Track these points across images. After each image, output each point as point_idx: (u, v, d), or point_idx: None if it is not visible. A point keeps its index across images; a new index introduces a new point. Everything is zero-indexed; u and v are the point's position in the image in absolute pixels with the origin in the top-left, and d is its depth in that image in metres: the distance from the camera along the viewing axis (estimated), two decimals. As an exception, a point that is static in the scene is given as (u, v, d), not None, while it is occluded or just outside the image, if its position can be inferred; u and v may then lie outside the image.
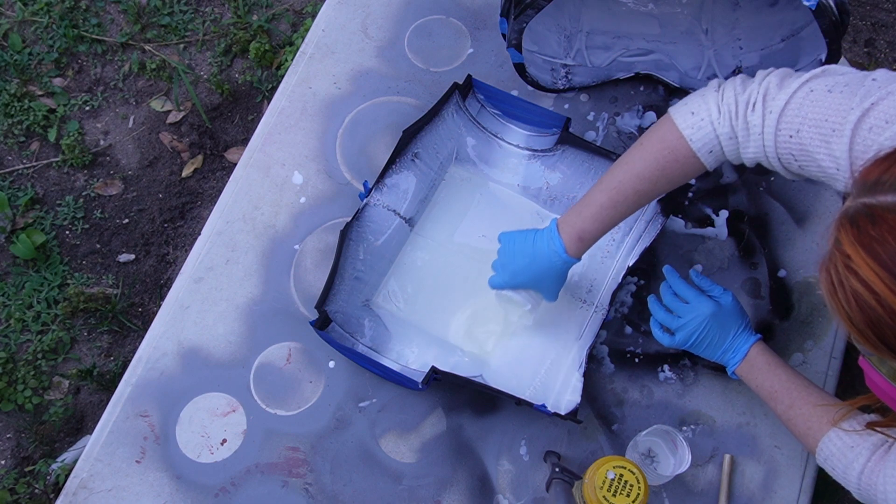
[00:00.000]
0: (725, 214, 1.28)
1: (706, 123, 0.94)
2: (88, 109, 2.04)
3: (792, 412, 1.04)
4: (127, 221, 1.95)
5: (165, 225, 1.95)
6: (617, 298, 1.22)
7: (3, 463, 1.75)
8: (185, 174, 1.99)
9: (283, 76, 1.37)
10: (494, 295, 1.15)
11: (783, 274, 1.26)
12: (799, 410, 1.03)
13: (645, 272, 1.25)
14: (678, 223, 1.28)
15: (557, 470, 1.08)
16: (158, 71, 2.06)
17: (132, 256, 1.92)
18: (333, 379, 1.19)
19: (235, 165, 1.31)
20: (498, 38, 1.35)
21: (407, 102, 1.34)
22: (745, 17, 1.24)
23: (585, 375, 1.14)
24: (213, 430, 1.17)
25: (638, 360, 1.21)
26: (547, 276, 1.08)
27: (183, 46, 2.09)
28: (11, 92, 1.99)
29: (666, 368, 1.21)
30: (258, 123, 1.33)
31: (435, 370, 1.07)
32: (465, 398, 1.18)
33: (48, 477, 1.71)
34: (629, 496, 0.97)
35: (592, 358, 1.20)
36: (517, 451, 1.16)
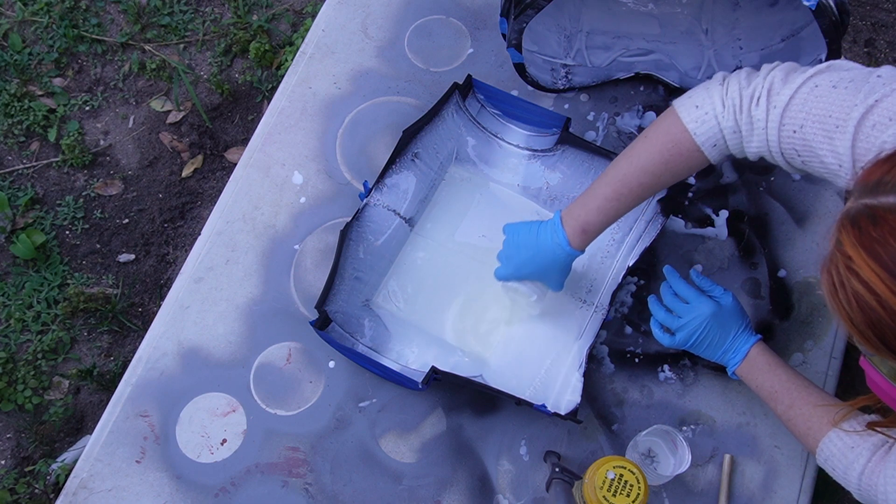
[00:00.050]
0: (725, 214, 1.28)
1: (710, 117, 0.94)
2: (88, 109, 2.04)
3: (792, 412, 1.04)
4: (127, 221, 1.95)
5: (165, 225, 1.95)
6: (617, 298, 1.22)
7: (3, 463, 1.75)
8: (185, 174, 1.99)
9: (283, 76, 1.37)
10: (500, 286, 1.16)
11: (783, 274, 1.26)
12: (799, 411, 1.03)
13: (645, 272, 1.25)
14: (678, 223, 1.28)
15: (557, 470, 1.08)
16: (158, 71, 2.06)
17: (132, 256, 1.92)
18: (333, 379, 1.19)
19: (235, 165, 1.31)
20: (498, 38, 1.35)
21: (407, 102, 1.34)
22: (745, 17, 1.24)
23: (585, 375, 1.14)
24: (213, 430, 1.17)
25: (638, 360, 1.21)
26: (551, 268, 1.09)
27: (183, 46, 2.09)
28: (11, 92, 1.99)
29: (666, 368, 1.21)
30: (258, 123, 1.33)
31: (435, 370, 1.07)
32: (465, 398, 1.18)
33: (48, 477, 1.71)
34: (629, 496, 0.97)
35: (592, 358, 1.20)
36: (517, 451, 1.16)
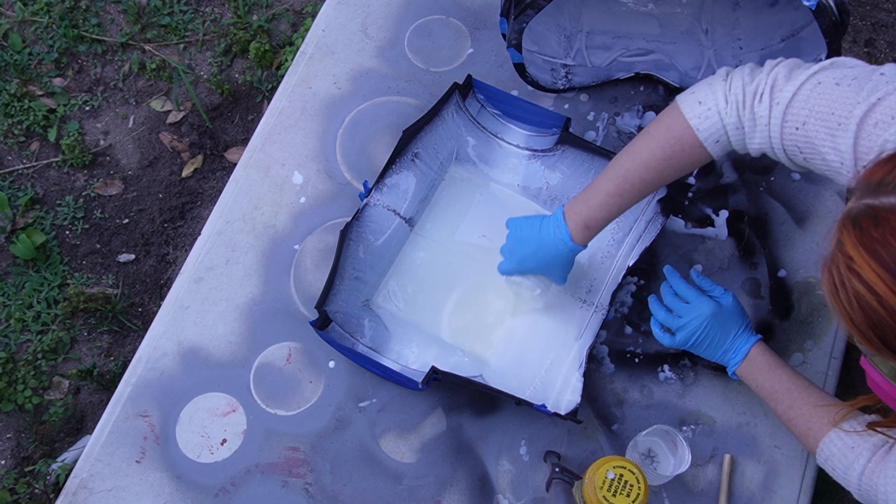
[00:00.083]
0: (725, 214, 1.28)
1: (713, 113, 0.94)
2: (88, 109, 2.04)
3: (792, 412, 1.04)
4: (127, 221, 1.95)
5: (165, 225, 1.95)
6: (617, 298, 1.22)
7: (3, 463, 1.75)
8: (185, 174, 1.99)
9: (283, 76, 1.37)
10: (504, 280, 1.17)
11: (783, 274, 1.26)
12: (799, 411, 1.03)
13: (645, 272, 1.25)
14: (678, 223, 1.28)
15: (557, 470, 1.08)
16: (158, 71, 2.06)
17: (132, 256, 1.92)
18: (333, 379, 1.19)
19: (235, 165, 1.31)
20: (498, 38, 1.35)
21: (407, 102, 1.34)
22: (745, 17, 1.24)
23: (585, 375, 1.14)
24: (213, 430, 1.17)
25: (638, 360, 1.21)
26: (554, 262, 1.09)
27: (183, 46, 2.09)
28: (11, 92, 1.99)
29: (666, 368, 1.21)
30: (258, 123, 1.33)
31: (435, 370, 1.07)
32: (465, 398, 1.18)
33: (48, 477, 1.71)
34: (629, 496, 0.97)
35: (592, 358, 1.20)
36: (517, 451, 1.16)
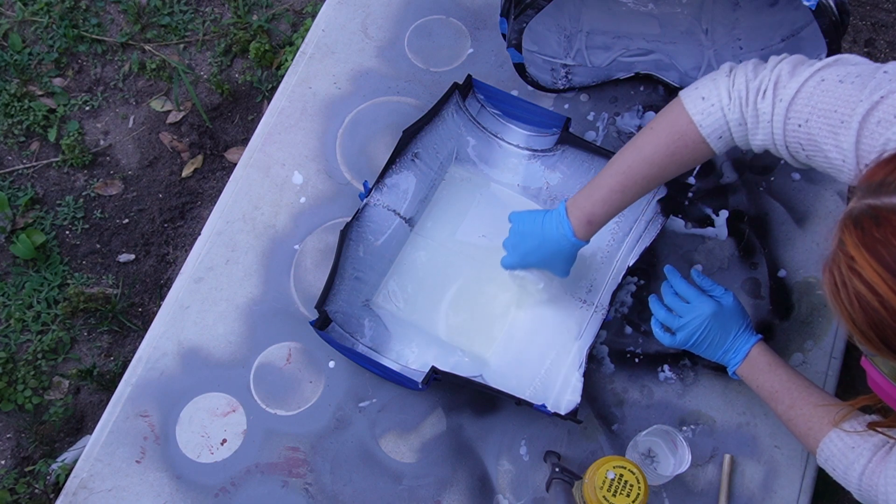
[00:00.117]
0: (725, 214, 1.28)
1: (716, 109, 0.94)
2: (88, 109, 2.04)
3: (793, 412, 1.04)
4: (127, 221, 1.95)
5: (165, 225, 1.95)
6: (617, 298, 1.22)
7: (3, 463, 1.75)
8: (185, 174, 1.99)
9: (283, 76, 1.37)
10: (508, 274, 1.18)
11: (783, 274, 1.26)
12: (800, 411, 1.03)
13: (645, 272, 1.25)
14: (678, 223, 1.28)
15: (557, 470, 1.08)
16: (158, 71, 2.06)
17: (132, 256, 1.92)
18: (333, 379, 1.19)
19: (235, 165, 1.31)
20: (498, 38, 1.35)
21: (407, 102, 1.34)
22: (745, 17, 1.24)
23: (585, 375, 1.14)
24: (213, 430, 1.17)
25: (638, 360, 1.21)
26: (556, 257, 1.09)
27: (183, 46, 2.09)
28: (11, 92, 1.99)
29: (666, 368, 1.21)
30: (258, 123, 1.33)
31: (435, 370, 1.07)
32: (465, 398, 1.18)
33: (48, 477, 1.71)
34: (629, 496, 0.97)
35: (592, 358, 1.20)
36: (517, 451, 1.16)
